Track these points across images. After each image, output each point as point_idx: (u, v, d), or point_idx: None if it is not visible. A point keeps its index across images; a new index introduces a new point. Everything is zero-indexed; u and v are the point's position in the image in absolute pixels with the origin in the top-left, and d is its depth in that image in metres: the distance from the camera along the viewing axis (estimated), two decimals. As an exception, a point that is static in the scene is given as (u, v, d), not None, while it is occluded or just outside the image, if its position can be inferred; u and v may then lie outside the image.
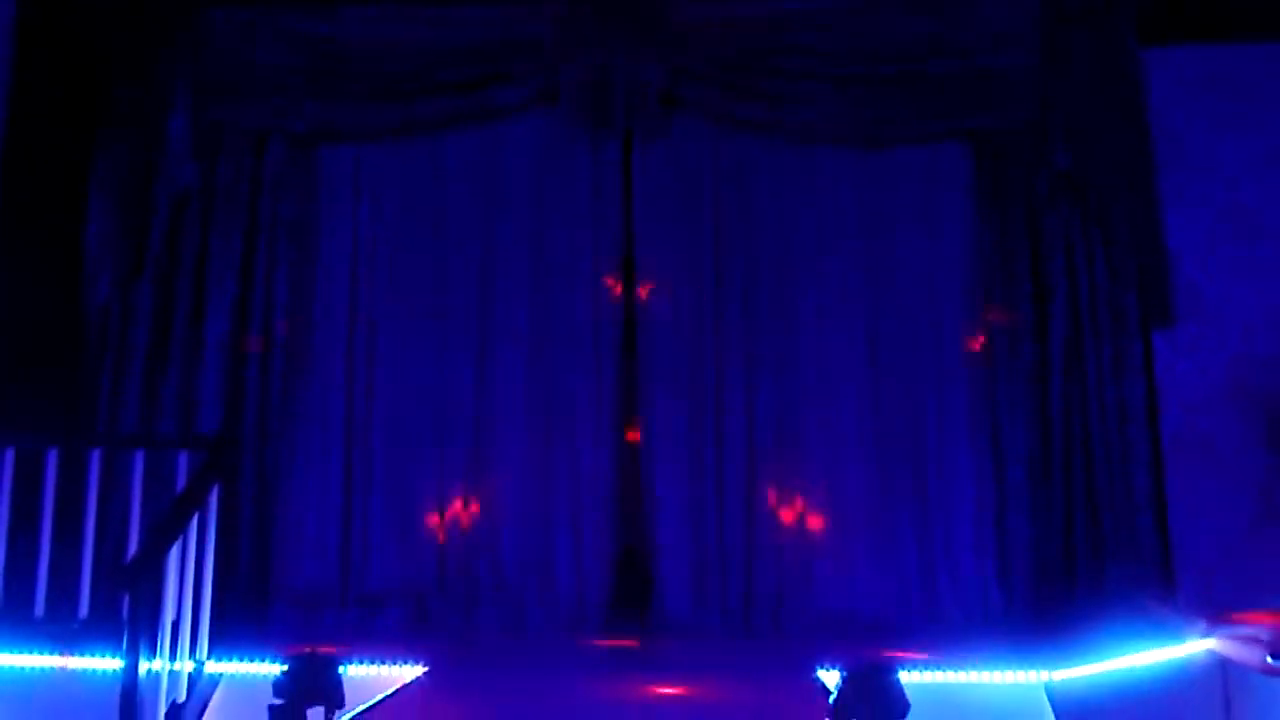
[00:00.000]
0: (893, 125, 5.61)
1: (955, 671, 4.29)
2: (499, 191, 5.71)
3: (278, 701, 3.91)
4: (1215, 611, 4.83)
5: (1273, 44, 5.62)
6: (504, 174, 5.73)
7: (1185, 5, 5.52)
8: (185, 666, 4.09)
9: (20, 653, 4.32)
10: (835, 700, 3.85)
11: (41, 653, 4.32)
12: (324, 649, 4.09)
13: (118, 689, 3.62)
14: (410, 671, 4.37)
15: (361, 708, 4.19)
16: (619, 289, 5.63)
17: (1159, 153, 5.49)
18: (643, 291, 5.62)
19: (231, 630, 4.55)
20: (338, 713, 4.00)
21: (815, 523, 5.41)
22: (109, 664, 4.17)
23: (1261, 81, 5.62)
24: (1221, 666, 4.34)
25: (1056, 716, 4.26)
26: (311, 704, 3.92)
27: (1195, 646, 4.43)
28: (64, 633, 4.42)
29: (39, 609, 4.55)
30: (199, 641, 4.27)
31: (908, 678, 4.04)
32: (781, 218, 5.66)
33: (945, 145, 5.65)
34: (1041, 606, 5.15)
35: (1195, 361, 5.46)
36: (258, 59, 5.65)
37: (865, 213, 5.65)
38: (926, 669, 4.25)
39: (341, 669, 4.06)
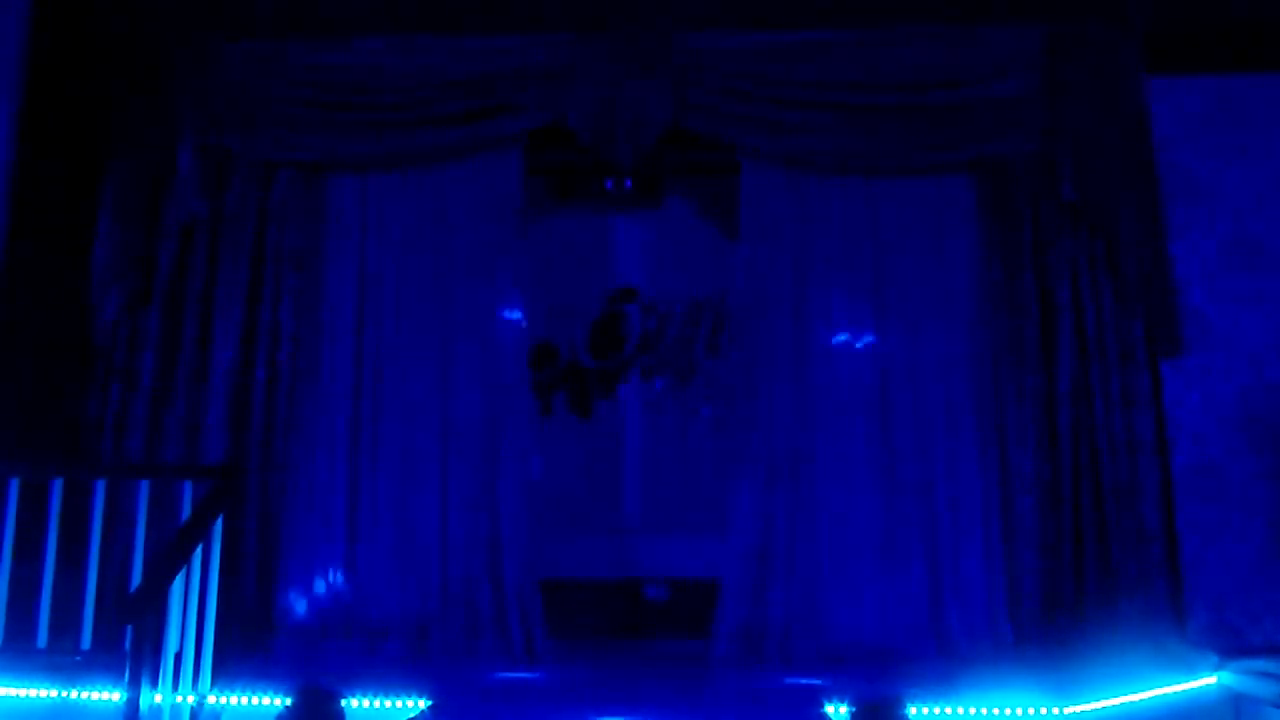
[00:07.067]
0: (897, 155, 5.61)
1: (964, 706, 4.23)
2: (505, 218, 5.72)
3: (280, 735, 3.88)
4: (1228, 645, 4.79)
5: (1278, 74, 5.63)
6: (509, 201, 5.74)
7: (1191, 35, 5.52)
8: (187, 699, 4.05)
9: (22, 685, 4.29)
10: (843, 735, 3.80)
11: (44, 685, 4.29)
12: (326, 682, 4.05)
13: (119, 722, 3.59)
14: (414, 704, 4.32)
15: (364, 742, 4.15)
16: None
17: (1165, 182, 5.48)
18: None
19: (234, 662, 4.51)
20: (340, 748, 3.96)
21: (824, 552, 5.37)
22: (111, 696, 4.14)
23: (1267, 111, 5.61)
24: (1234, 701, 4.29)
25: (1067, 752, 4.20)
26: (314, 738, 3.89)
27: (1207, 681, 4.39)
28: (66, 665, 4.38)
29: (41, 640, 4.52)
30: (201, 674, 4.24)
31: (915, 712, 4.00)
32: (790, 245, 5.65)
33: (951, 174, 5.65)
34: (1051, 639, 5.09)
35: (1204, 391, 5.43)
36: (267, 91, 5.69)
37: (873, 241, 5.64)
38: (935, 703, 4.20)
39: (344, 702, 4.02)
